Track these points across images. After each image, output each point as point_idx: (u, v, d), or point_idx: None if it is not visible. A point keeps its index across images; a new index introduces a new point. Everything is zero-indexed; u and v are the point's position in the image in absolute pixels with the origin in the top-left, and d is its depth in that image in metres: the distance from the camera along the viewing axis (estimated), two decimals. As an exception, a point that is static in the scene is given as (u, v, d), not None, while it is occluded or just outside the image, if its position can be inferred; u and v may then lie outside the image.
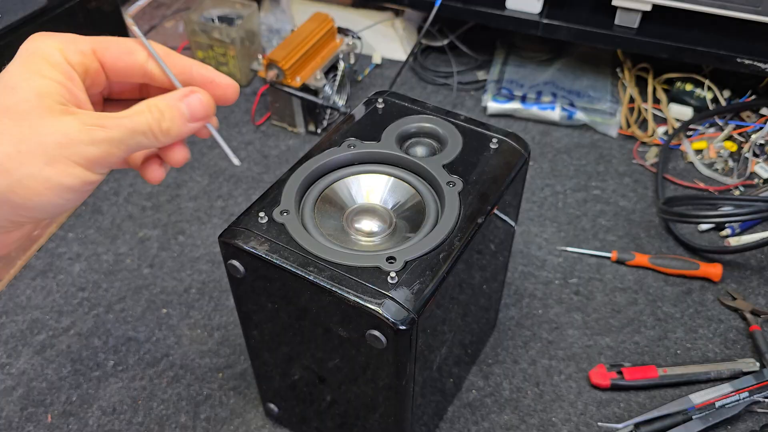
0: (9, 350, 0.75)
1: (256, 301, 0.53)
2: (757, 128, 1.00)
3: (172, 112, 0.39)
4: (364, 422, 0.57)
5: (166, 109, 0.39)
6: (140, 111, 0.38)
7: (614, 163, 0.98)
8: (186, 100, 0.40)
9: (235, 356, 0.75)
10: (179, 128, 0.40)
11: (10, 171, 0.35)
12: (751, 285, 0.81)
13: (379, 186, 0.55)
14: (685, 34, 0.98)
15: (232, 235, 0.50)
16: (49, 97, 0.36)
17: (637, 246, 0.86)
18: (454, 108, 1.09)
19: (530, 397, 0.71)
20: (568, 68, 1.12)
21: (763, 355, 0.72)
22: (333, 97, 1.03)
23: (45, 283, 0.83)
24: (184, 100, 0.40)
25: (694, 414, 0.66)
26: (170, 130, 0.39)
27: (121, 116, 0.38)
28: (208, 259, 0.85)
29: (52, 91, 0.36)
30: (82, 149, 0.36)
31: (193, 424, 0.69)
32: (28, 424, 0.69)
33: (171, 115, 0.39)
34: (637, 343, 0.75)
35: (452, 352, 0.61)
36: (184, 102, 0.40)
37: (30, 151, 0.35)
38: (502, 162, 0.56)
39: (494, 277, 0.66)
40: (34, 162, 0.35)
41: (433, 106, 0.62)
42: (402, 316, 0.44)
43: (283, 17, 1.20)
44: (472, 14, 1.04)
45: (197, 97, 0.40)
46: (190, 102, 0.40)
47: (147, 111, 0.38)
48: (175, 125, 0.39)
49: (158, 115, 0.39)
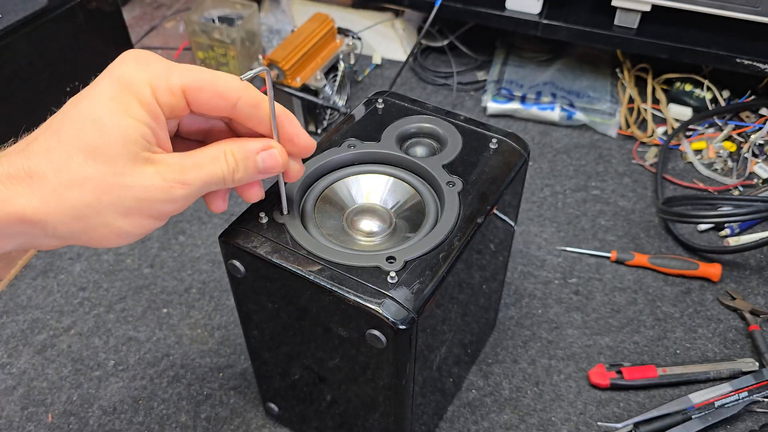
0: (10, 350, 0.76)
1: (257, 301, 0.53)
2: (756, 128, 1.00)
3: (247, 164, 0.40)
4: (364, 422, 0.58)
5: (241, 160, 0.39)
6: (216, 158, 0.38)
7: (614, 163, 0.99)
8: (262, 154, 0.40)
9: (236, 356, 0.75)
10: (250, 179, 0.41)
11: (87, 218, 0.36)
12: (751, 285, 0.82)
13: (379, 186, 0.55)
14: (685, 34, 0.98)
15: (233, 235, 0.50)
16: (135, 144, 0.36)
17: (637, 246, 0.86)
18: (454, 108, 1.09)
19: (530, 397, 0.71)
20: (567, 68, 1.13)
21: (762, 354, 0.72)
22: (333, 98, 1.03)
23: (45, 282, 0.83)
24: (260, 154, 0.40)
25: (693, 414, 0.66)
26: (242, 180, 0.40)
27: (198, 166, 0.38)
28: (209, 259, 0.85)
29: (138, 136, 0.36)
30: (160, 206, 0.37)
31: (193, 424, 0.69)
32: (28, 424, 0.69)
33: (245, 166, 0.40)
34: (637, 343, 0.76)
35: (452, 351, 0.61)
36: (260, 156, 0.40)
37: (110, 203, 0.35)
38: (502, 162, 0.57)
39: (494, 277, 0.66)
40: (111, 213, 0.36)
41: (432, 106, 0.62)
42: (402, 316, 0.44)
43: (283, 18, 1.20)
44: (471, 14, 1.04)
45: (273, 153, 0.40)
46: (265, 158, 0.40)
47: (223, 159, 0.39)
48: (247, 176, 0.40)
49: (234, 166, 0.39)
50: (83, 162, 0.35)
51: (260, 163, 0.40)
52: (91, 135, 0.35)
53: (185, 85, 0.37)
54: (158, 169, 0.36)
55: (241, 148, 0.40)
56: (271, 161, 0.41)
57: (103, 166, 0.35)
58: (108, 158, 0.35)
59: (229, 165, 0.39)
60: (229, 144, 0.40)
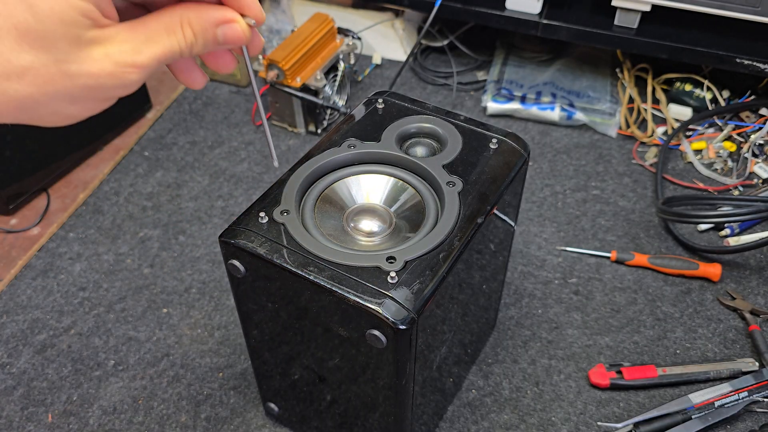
0: (10, 350, 0.76)
1: (257, 301, 0.53)
2: (756, 128, 1.00)
3: (206, 37, 0.36)
4: (364, 422, 0.58)
5: (200, 33, 0.35)
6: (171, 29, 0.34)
7: (614, 163, 0.99)
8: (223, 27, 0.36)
9: (236, 356, 0.75)
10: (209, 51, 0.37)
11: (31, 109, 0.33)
12: (751, 285, 0.82)
13: (379, 186, 0.55)
14: (685, 34, 0.98)
15: (233, 235, 0.50)
16: (76, 24, 0.31)
17: (637, 246, 0.86)
18: (454, 108, 1.09)
19: (530, 397, 0.71)
20: (567, 68, 1.13)
21: (762, 354, 0.72)
22: (333, 98, 1.03)
23: (45, 282, 0.83)
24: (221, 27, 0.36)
25: (693, 414, 0.66)
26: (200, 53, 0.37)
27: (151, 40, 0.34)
28: (209, 259, 0.85)
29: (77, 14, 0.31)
30: (111, 91, 0.34)
31: (193, 424, 0.69)
32: (28, 424, 0.69)
33: (204, 39, 0.36)
34: (637, 343, 0.76)
35: (452, 351, 0.61)
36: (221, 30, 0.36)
37: (56, 93, 0.32)
38: (502, 162, 0.57)
39: (494, 277, 0.66)
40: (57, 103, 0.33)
41: (433, 106, 0.62)
42: (402, 316, 0.44)
43: (283, 18, 1.20)
44: (471, 15, 1.04)
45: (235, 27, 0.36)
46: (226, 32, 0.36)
47: (179, 31, 0.34)
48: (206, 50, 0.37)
49: (192, 39, 0.35)
50: (18, 48, 0.30)
51: (221, 36, 0.36)
52: (23, 15, 0.30)
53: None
54: (107, 51, 0.32)
55: (199, 18, 0.35)
56: (233, 34, 0.36)
57: (42, 53, 0.31)
58: (46, 44, 0.31)
59: (186, 38, 0.35)
60: (185, 11, 0.35)
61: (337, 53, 1.04)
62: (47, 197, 0.93)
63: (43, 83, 0.31)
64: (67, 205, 0.92)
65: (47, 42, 0.31)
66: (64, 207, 0.92)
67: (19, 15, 0.30)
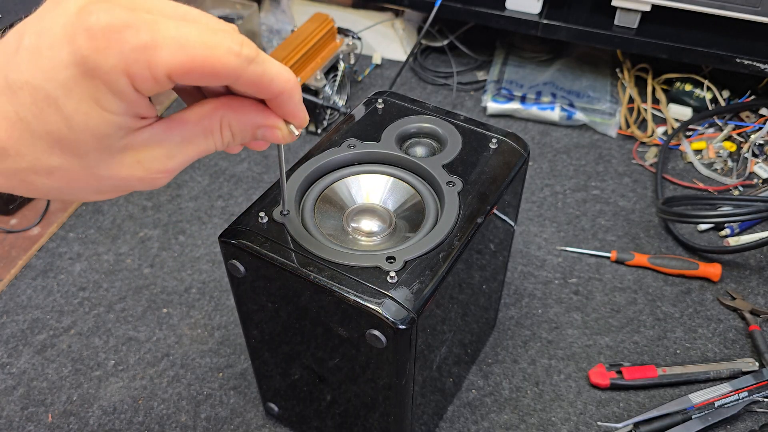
0: (10, 350, 0.76)
1: (257, 301, 0.53)
2: (756, 128, 1.00)
3: (244, 136, 0.35)
4: (364, 422, 0.58)
5: (238, 133, 0.35)
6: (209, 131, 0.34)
7: (614, 163, 0.99)
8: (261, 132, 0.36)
9: (236, 356, 0.75)
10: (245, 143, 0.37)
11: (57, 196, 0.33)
12: (751, 285, 0.82)
13: (378, 186, 0.55)
14: (685, 34, 0.98)
15: (233, 234, 0.50)
16: (110, 138, 0.30)
17: (637, 246, 0.86)
18: (454, 108, 1.09)
19: (530, 397, 0.71)
20: (567, 68, 1.13)
21: (762, 354, 0.72)
22: (333, 98, 1.03)
23: (45, 282, 0.83)
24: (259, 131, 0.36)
25: (693, 414, 0.66)
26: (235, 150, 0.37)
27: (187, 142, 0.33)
28: (209, 258, 0.85)
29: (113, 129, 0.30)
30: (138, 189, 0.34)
31: (193, 424, 0.69)
32: (28, 424, 0.69)
33: (242, 139, 0.36)
34: (637, 343, 0.76)
35: (452, 351, 0.61)
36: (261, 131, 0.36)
37: (82, 189, 0.32)
38: (502, 162, 0.57)
39: (494, 277, 0.66)
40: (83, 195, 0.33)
41: (432, 106, 0.62)
42: (402, 316, 0.44)
43: (283, 18, 1.20)
44: (471, 14, 1.04)
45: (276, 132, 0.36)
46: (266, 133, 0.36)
47: (218, 133, 0.34)
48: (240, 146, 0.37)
49: (229, 140, 0.35)
50: (49, 152, 0.30)
51: (260, 136, 0.36)
52: (57, 125, 0.29)
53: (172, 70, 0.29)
54: (139, 158, 0.32)
55: (240, 122, 0.35)
56: (272, 137, 0.36)
57: (73, 159, 0.30)
58: (78, 153, 0.30)
59: (224, 139, 0.34)
60: (227, 114, 0.34)
61: (337, 53, 1.04)
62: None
63: (70, 180, 0.31)
64: (67, 205, 0.92)
65: (79, 151, 0.30)
66: (64, 207, 0.92)
67: (53, 124, 0.29)
